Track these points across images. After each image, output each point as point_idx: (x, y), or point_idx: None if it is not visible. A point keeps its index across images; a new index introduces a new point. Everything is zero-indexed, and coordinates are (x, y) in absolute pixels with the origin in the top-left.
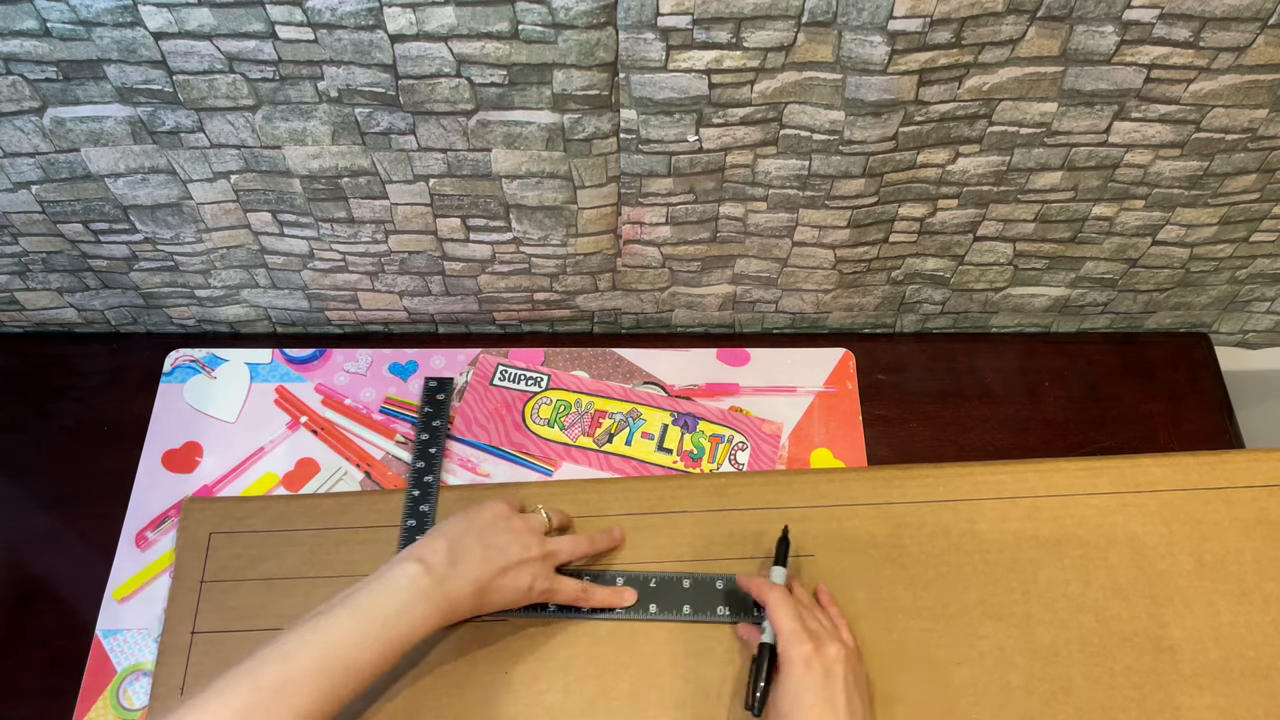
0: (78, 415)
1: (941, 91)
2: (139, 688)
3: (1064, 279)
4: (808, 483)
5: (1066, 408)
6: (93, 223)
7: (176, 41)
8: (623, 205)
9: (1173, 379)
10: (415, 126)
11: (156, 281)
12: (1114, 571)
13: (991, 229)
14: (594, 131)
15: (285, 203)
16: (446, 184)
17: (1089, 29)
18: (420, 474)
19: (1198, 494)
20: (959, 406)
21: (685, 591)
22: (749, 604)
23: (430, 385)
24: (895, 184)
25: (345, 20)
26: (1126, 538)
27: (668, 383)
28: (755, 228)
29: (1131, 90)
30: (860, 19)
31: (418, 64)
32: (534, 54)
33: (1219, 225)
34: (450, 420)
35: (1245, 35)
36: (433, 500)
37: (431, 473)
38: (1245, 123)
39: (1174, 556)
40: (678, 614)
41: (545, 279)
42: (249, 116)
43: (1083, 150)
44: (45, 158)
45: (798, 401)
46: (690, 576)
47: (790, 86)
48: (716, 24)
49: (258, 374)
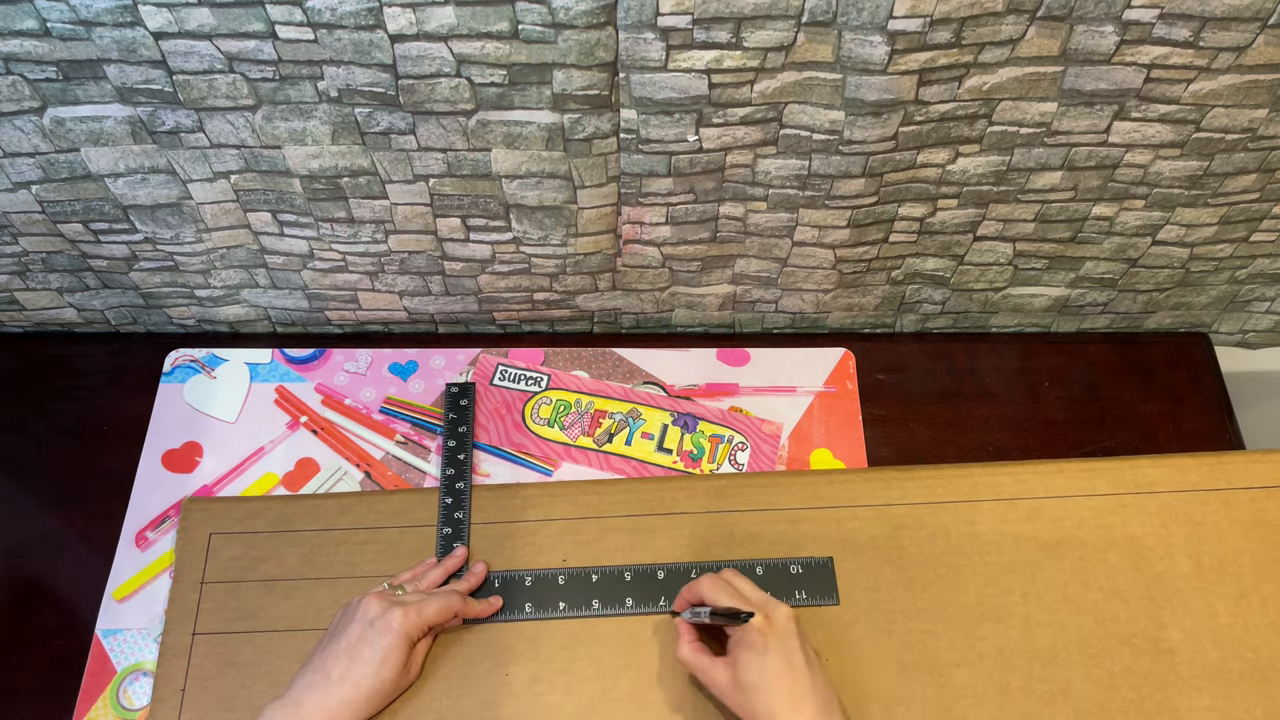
0: (78, 415)
1: (941, 91)
2: (139, 687)
3: (1064, 279)
4: (807, 484)
5: (1066, 408)
6: (93, 223)
7: (176, 41)
8: (623, 205)
9: (1173, 379)
10: (415, 126)
11: (156, 281)
12: (1113, 573)
13: (991, 229)
14: (594, 131)
15: (285, 203)
16: (446, 184)
17: (1089, 29)
18: (451, 480)
19: (1196, 495)
20: (959, 406)
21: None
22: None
23: (452, 391)
24: (895, 184)
25: (345, 20)
26: (1125, 539)
27: (668, 383)
28: (755, 228)
29: (1131, 90)
30: (860, 19)
31: (418, 64)
32: (534, 54)
33: (1219, 225)
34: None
35: (1245, 35)
36: (466, 506)
37: (463, 479)
38: (1245, 123)
39: (1173, 558)
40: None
41: (545, 279)
42: (249, 116)
43: (1083, 150)
44: (45, 158)
45: (798, 401)
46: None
47: (790, 86)
48: (716, 24)
49: (258, 374)
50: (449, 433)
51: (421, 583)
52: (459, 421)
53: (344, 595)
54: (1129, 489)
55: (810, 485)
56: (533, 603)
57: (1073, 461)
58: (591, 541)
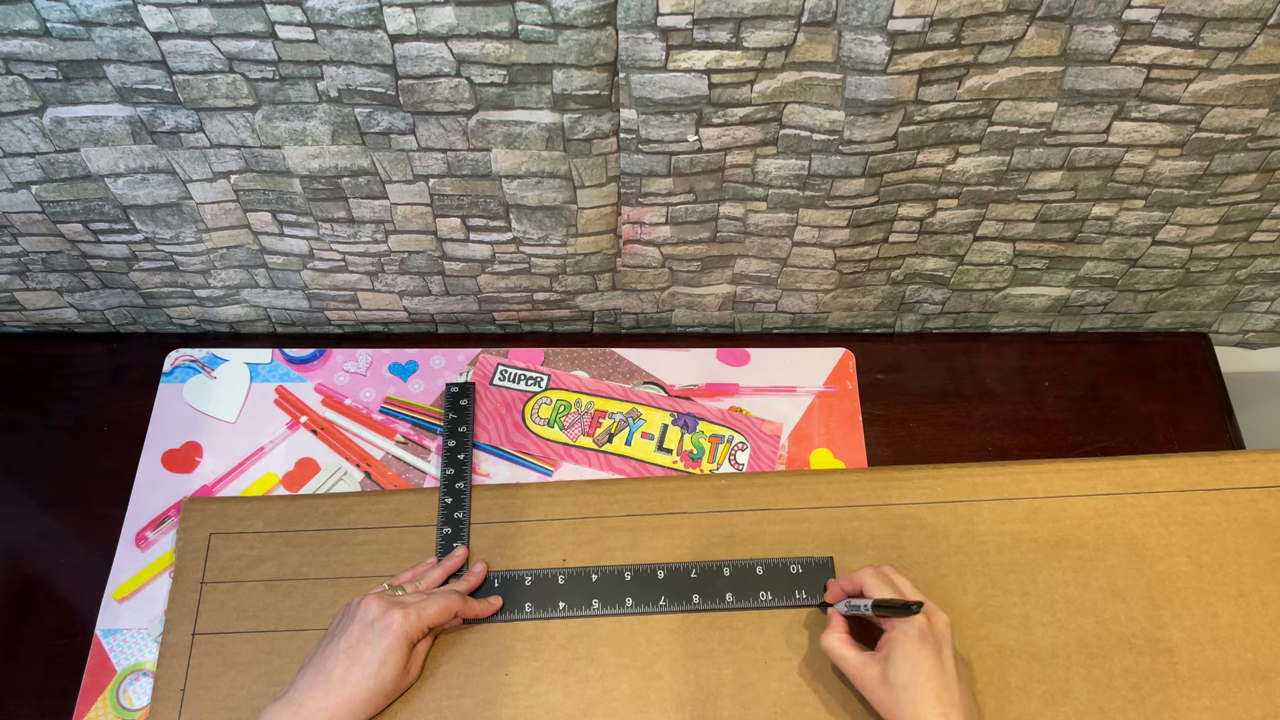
0: (78, 415)
1: (941, 91)
2: (139, 687)
3: (1064, 279)
4: (807, 484)
5: (1066, 408)
6: (93, 223)
7: (176, 41)
8: (623, 205)
9: (1172, 379)
10: (415, 126)
11: (156, 281)
12: (1112, 573)
13: (991, 229)
14: (594, 131)
15: (285, 203)
16: (446, 184)
17: (1089, 29)
18: (451, 480)
19: (1196, 495)
20: (959, 406)
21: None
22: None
23: (452, 391)
24: (895, 184)
25: (345, 20)
26: (1125, 539)
27: (667, 383)
28: (755, 228)
29: (1131, 90)
30: (860, 19)
31: (418, 64)
32: (534, 54)
33: (1219, 225)
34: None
35: (1245, 35)
36: (466, 506)
37: (462, 479)
38: (1245, 122)
39: (1172, 558)
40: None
41: (545, 279)
42: (249, 116)
43: (1082, 150)
44: (45, 158)
45: (797, 401)
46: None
47: (790, 86)
48: (716, 24)
49: (257, 374)
50: (449, 433)
51: (421, 583)
52: (459, 421)
53: (344, 595)
54: (1129, 489)
55: (810, 485)
56: (532, 602)
57: (1072, 461)
58: (591, 541)
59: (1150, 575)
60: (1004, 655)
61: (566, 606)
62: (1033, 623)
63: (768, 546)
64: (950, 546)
